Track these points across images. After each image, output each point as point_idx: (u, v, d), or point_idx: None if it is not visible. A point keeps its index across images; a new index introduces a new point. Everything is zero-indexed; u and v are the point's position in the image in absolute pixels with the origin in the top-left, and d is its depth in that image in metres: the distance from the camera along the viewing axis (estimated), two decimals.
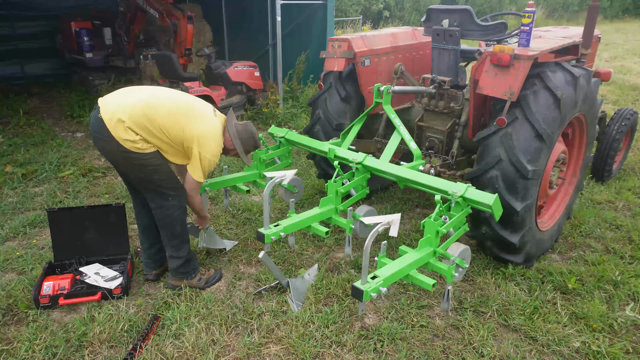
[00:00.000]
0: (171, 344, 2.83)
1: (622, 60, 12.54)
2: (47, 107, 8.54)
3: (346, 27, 15.35)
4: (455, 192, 2.97)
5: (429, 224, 2.85)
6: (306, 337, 2.90)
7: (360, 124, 4.11)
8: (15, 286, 3.32)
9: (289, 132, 4.12)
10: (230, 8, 10.28)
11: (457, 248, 2.86)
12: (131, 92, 3.03)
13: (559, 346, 2.87)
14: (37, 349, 2.77)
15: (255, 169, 4.03)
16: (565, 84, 3.24)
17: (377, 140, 4.41)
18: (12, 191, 4.97)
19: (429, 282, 2.68)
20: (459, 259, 2.80)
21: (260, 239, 3.06)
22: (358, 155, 3.59)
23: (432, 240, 2.84)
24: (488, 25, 3.78)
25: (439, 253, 2.86)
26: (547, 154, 3.27)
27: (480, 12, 20.92)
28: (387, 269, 2.64)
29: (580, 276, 3.52)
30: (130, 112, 2.86)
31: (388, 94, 3.92)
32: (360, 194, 3.64)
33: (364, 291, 2.43)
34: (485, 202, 2.88)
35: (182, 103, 3.05)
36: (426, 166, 3.77)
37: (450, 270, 2.76)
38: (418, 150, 3.82)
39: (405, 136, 3.85)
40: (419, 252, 2.81)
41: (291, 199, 3.41)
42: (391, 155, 3.74)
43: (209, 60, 7.48)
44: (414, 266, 2.74)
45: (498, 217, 2.97)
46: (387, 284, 2.56)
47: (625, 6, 25.73)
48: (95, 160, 5.95)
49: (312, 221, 3.34)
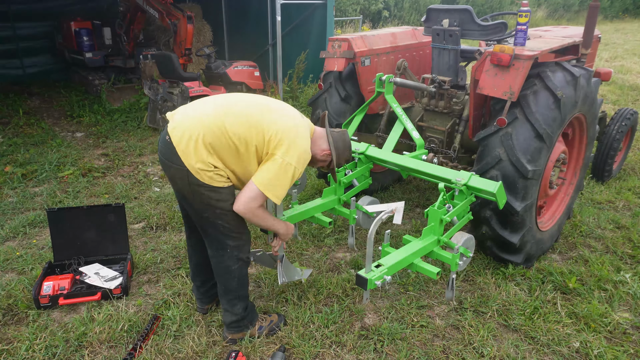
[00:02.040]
0: (171, 344, 2.83)
1: (622, 60, 12.54)
2: (47, 107, 8.54)
3: (346, 27, 15.35)
4: (459, 180, 2.96)
5: (432, 212, 2.84)
6: (306, 337, 2.90)
7: (362, 115, 4.09)
8: (15, 286, 3.32)
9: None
10: (230, 8, 10.29)
11: (461, 237, 2.84)
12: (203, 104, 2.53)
13: (559, 346, 2.87)
14: (37, 349, 2.77)
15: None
16: (565, 83, 3.24)
17: (378, 135, 4.41)
18: (12, 191, 4.97)
19: (433, 270, 2.67)
20: (463, 248, 2.79)
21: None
22: (360, 145, 3.57)
23: (436, 228, 2.83)
24: (488, 25, 3.78)
25: (442, 242, 2.85)
26: (547, 154, 3.27)
27: (480, 12, 20.92)
28: (392, 257, 2.63)
29: (580, 276, 3.52)
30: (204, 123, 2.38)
31: (390, 83, 3.90)
32: (362, 185, 3.62)
33: (369, 279, 2.42)
34: (489, 190, 2.87)
35: (263, 101, 2.57)
36: (429, 155, 3.75)
37: (454, 258, 2.75)
38: (421, 140, 3.77)
39: (407, 125, 3.81)
40: (422, 241, 2.80)
41: (293, 190, 3.38)
42: (394, 145, 3.71)
43: (209, 60, 7.49)
44: (418, 255, 2.73)
45: (502, 205, 2.96)
46: (391, 272, 2.55)
47: (625, 6, 25.73)
48: (95, 160, 5.95)
49: (315, 211, 3.32)
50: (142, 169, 5.68)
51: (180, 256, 3.77)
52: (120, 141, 6.66)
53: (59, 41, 9.75)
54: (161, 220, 4.34)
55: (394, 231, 4.08)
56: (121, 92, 8.52)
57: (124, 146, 6.42)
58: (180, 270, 3.58)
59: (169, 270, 3.59)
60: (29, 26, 10.05)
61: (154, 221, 4.31)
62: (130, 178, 5.42)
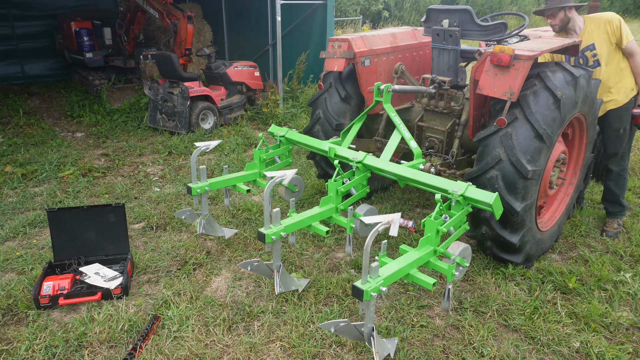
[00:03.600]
0: (171, 344, 2.83)
1: None
2: (47, 107, 8.54)
3: (346, 27, 15.36)
4: (456, 190, 2.97)
5: (429, 223, 2.85)
6: (306, 337, 2.90)
7: (361, 122, 4.11)
8: (15, 286, 3.33)
9: (289, 131, 4.12)
10: (230, 8, 10.29)
11: (458, 247, 2.85)
12: None
13: (559, 346, 2.87)
14: (37, 349, 2.77)
15: (256, 168, 4.02)
16: (565, 84, 3.24)
17: (377, 140, 4.41)
18: (12, 191, 4.97)
19: (429, 281, 2.68)
20: (459, 258, 2.80)
21: (261, 238, 3.03)
22: (358, 154, 3.59)
23: (433, 239, 2.84)
24: (488, 26, 3.78)
25: (439, 252, 2.86)
26: (547, 154, 3.27)
27: (480, 12, 20.93)
28: (388, 268, 2.63)
29: (580, 276, 3.52)
30: None
31: (388, 93, 3.91)
32: (360, 193, 3.64)
33: (365, 290, 2.43)
34: (485, 201, 2.88)
35: None
36: (426, 165, 3.77)
37: (450, 269, 2.76)
38: (418, 149, 3.81)
39: (405, 135, 3.84)
40: (419, 251, 2.81)
41: (291, 198, 3.41)
42: (391, 154, 3.74)
43: (209, 60, 7.49)
44: (414, 265, 2.74)
45: (498, 215, 2.98)
46: (387, 283, 2.56)
47: (625, 6, 25.76)
48: (96, 160, 5.96)
49: (313, 220, 3.34)
50: (142, 169, 5.69)
51: (180, 256, 3.78)
52: (121, 141, 6.67)
53: (59, 41, 9.75)
54: (161, 220, 4.34)
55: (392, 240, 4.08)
56: (121, 92, 8.52)
57: (124, 146, 6.42)
58: (180, 270, 3.58)
59: (169, 270, 3.59)
60: (29, 26, 10.05)
61: (154, 221, 4.31)
62: (130, 178, 5.42)
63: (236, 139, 6.52)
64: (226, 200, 4.07)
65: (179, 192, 4.97)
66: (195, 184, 3.63)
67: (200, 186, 3.61)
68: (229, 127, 7.11)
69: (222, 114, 7.29)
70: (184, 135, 6.72)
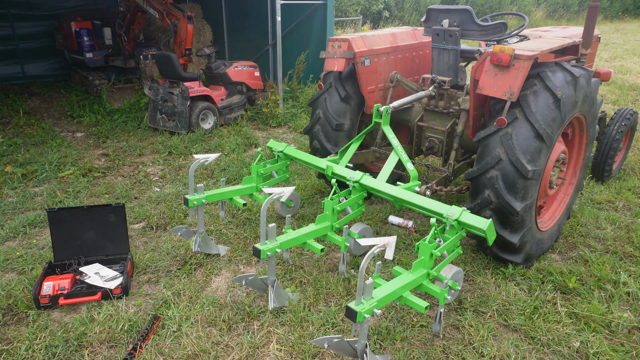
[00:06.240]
0: (171, 344, 2.83)
1: (622, 60, 12.54)
2: (47, 107, 8.54)
3: (346, 27, 15.36)
4: (451, 215, 2.99)
5: (423, 247, 2.84)
6: (306, 337, 2.90)
7: (359, 142, 4.13)
8: (15, 286, 3.33)
9: (288, 147, 4.16)
10: (230, 8, 10.29)
11: (450, 270, 2.90)
12: None
13: (559, 346, 2.87)
14: (37, 349, 2.77)
15: (253, 182, 4.03)
16: (565, 84, 3.24)
17: (374, 150, 4.40)
18: (12, 191, 4.97)
19: (422, 304, 2.68)
20: (451, 282, 2.84)
21: (256, 254, 2.97)
22: (355, 174, 3.61)
23: (426, 262, 2.84)
24: (488, 26, 3.78)
25: (432, 275, 2.87)
26: (547, 154, 3.27)
27: (480, 12, 20.93)
28: (382, 290, 2.64)
29: (580, 276, 3.52)
30: None
31: (387, 115, 3.92)
32: (356, 212, 3.66)
33: (358, 312, 2.43)
34: (479, 227, 2.91)
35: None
36: (422, 187, 3.76)
37: (443, 293, 2.77)
38: (415, 171, 3.81)
39: (402, 157, 3.85)
40: (412, 274, 2.81)
41: (287, 215, 3.40)
42: (388, 175, 3.74)
43: (209, 60, 7.49)
44: (407, 288, 2.74)
45: (491, 242, 3.00)
46: (381, 305, 2.57)
47: (625, 6, 25.74)
48: (96, 160, 5.96)
49: (308, 237, 3.34)
50: (142, 169, 5.69)
51: (180, 256, 3.78)
52: (121, 141, 6.67)
53: (59, 41, 9.76)
54: (161, 220, 4.34)
55: None
56: (121, 92, 8.52)
57: (124, 146, 6.42)
58: (180, 270, 3.58)
59: (169, 270, 3.59)
60: (29, 26, 10.06)
61: (154, 221, 4.31)
62: (130, 178, 5.42)
63: (236, 139, 6.52)
64: (221, 213, 4.02)
65: (179, 192, 4.97)
66: (192, 196, 3.63)
67: (197, 198, 3.61)
68: (229, 127, 7.11)
69: (222, 114, 7.29)
70: (184, 135, 6.72)
